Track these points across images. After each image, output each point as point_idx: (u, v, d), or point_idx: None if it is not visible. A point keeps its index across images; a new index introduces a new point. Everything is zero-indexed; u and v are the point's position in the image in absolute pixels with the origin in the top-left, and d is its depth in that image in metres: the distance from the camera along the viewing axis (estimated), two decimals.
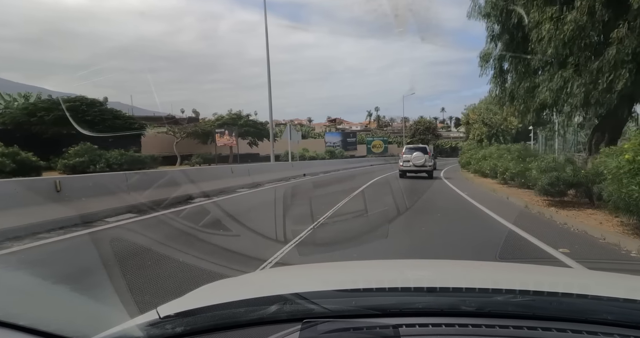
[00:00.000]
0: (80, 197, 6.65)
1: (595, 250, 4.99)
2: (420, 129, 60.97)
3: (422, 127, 60.88)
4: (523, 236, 5.54)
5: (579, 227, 6.09)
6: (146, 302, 2.70)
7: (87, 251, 4.93)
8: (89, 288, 3.20)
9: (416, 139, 60.35)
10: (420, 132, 60.79)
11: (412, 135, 61.51)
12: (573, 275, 1.81)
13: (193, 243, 5.15)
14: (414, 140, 60.42)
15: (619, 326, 0.89)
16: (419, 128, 61.00)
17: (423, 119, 62.58)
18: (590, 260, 4.43)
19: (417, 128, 61.22)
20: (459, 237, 5.67)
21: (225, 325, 0.95)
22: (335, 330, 0.85)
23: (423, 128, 60.81)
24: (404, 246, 5.05)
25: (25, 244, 4.95)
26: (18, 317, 0.99)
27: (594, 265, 4.26)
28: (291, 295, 1.02)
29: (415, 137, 61.16)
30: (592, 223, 6.18)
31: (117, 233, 5.74)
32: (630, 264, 4.41)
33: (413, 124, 62.46)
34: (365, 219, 7.11)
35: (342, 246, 4.97)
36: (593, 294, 1.04)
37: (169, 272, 3.82)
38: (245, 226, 6.03)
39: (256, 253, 4.42)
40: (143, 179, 8.53)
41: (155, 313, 1.00)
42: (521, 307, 0.96)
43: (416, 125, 61.54)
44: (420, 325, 0.90)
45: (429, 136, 60.41)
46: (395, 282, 1.29)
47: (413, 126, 61.86)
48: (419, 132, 60.88)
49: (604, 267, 4.43)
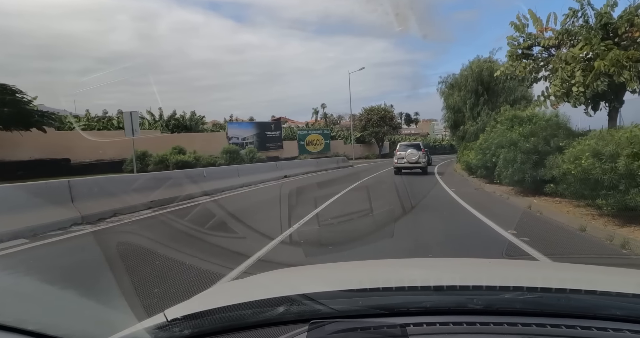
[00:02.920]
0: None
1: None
2: (373, 119, 47.55)
3: (375, 116, 47.62)
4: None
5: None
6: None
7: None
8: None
9: (368, 133, 46.74)
10: (373, 123, 47.29)
11: (363, 128, 47.78)
12: (581, 271, 1.64)
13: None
14: (365, 135, 46.83)
15: (628, 322, 0.89)
16: (372, 118, 47.66)
17: (377, 107, 49.50)
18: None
19: (368, 118, 47.87)
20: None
21: (233, 327, 0.96)
22: (343, 330, 0.85)
23: (377, 118, 47.52)
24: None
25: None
26: (27, 322, 1.00)
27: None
28: (298, 296, 1.02)
29: (368, 130, 47.42)
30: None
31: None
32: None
33: (363, 112, 49.21)
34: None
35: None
36: (602, 290, 1.04)
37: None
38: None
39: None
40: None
41: (163, 317, 1.00)
42: (529, 304, 0.96)
43: (367, 114, 48.34)
44: (428, 324, 0.91)
45: (384, 128, 47.04)
46: (401, 281, 1.27)
47: (364, 116, 48.61)
48: (372, 123, 47.30)
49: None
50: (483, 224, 6.28)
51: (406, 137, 69.07)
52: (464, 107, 23.65)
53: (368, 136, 48.87)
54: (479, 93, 22.05)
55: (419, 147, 17.61)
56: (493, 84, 21.70)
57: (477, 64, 22.35)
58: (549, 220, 6.62)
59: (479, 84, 21.97)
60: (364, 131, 48.61)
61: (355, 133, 50.68)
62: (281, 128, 36.14)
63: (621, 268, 1.67)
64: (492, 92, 22.00)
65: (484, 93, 21.87)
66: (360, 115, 49.72)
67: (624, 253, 4.53)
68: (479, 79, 21.70)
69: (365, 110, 49.60)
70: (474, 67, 22.32)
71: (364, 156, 47.04)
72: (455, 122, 25.36)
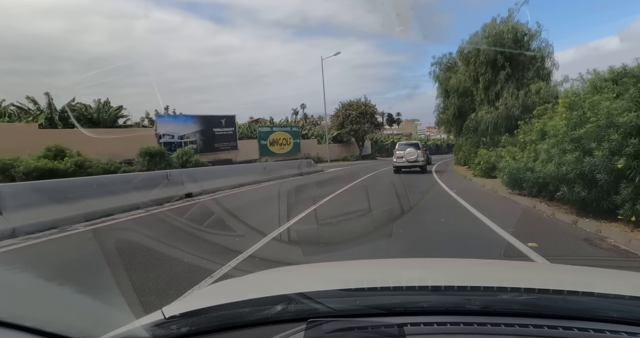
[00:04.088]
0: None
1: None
2: (351, 115, 40.81)
3: (354, 112, 40.93)
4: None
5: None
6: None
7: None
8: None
9: (346, 131, 39.94)
10: (352, 119, 40.57)
11: (340, 125, 40.99)
12: (579, 273, 1.61)
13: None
14: (343, 133, 40.09)
15: (625, 324, 0.88)
16: (350, 114, 40.94)
17: (356, 101, 42.64)
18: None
19: (346, 114, 41.15)
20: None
21: (231, 325, 0.95)
22: (340, 329, 0.85)
23: (356, 114, 40.82)
24: None
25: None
26: (24, 317, 0.99)
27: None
28: (295, 295, 1.02)
29: (346, 127, 40.56)
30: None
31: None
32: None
33: (340, 108, 42.39)
34: None
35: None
36: (599, 292, 1.03)
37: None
38: None
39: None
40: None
41: (161, 314, 0.99)
42: (527, 305, 0.96)
43: (345, 109, 41.61)
44: (425, 324, 0.90)
45: (365, 126, 40.35)
46: (399, 281, 1.27)
47: (341, 112, 41.86)
48: (351, 120, 40.58)
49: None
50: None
51: (389, 136, 62.66)
52: (473, 87, 16.97)
53: (346, 135, 41.95)
54: (498, 65, 15.41)
55: (417, 146, 17.17)
56: (518, 53, 15.09)
57: (494, 28, 15.64)
58: None
59: (497, 53, 15.33)
60: (342, 129, 41.63)
61: (331, 131, 43.61)
62: (235, 124, 27.21)
63: (619, 270, 1.49)
64: (517, 64, 15.40)
65: (506, 65, 15.24)
66: (337, 111, 42.74)
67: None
68: (500, 43, 15.01)
69: (342, 105, 42.58)
70: (489, 32, 15.60)
71: (342, 157, 40.11)
72: (459, 111, 18.70)
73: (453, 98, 18.53)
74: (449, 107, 19.68)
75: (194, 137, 24.27)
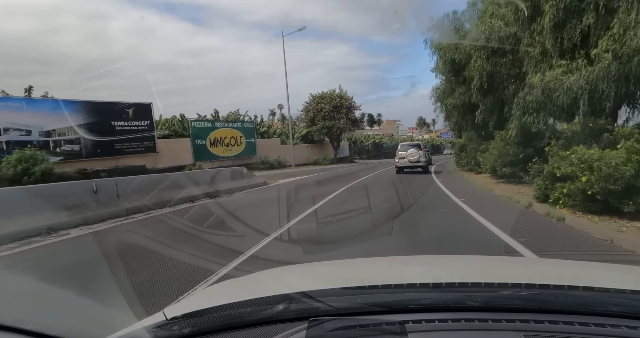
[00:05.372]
0: None
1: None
2: (324, 109, 32.98)
3: (327, 105, 33.13)
4: None
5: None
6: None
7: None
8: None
9: (318, 129, 32.13)
10: (324, 114, 32.75)
11: (311, 121, 33.09)
12: (579, 268, 1.61)
13: None
14: (313, 131, 32.32)
15: (626, 318, 0.88)
16: (322, 108, 33.12)
17: (330, 93, 34.70)
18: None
19: (318, 108, 33.33)
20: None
21: (232, 325, 0.95)
22: (342, 327, 0.85)
23: (329, 107, 32.99)
24: None
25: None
26: (25, 321, 0.97)
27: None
28: (297, 294, 1.01)
29: (317, 124, 32.71)
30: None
31: None
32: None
33: (311, 101, 34.43)
34: None
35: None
36: (599, 286, 1.03)
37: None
38: None
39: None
40: None
41: (162, 315, 0.99)
42: (527, 300, 0.95)
43: (316, 102, 33.77)
44: (427, 321, 0.90)
45: (340, 122, 32.60)
46: (400, 278, 1.26)
47: (311, 105, 34.03)
48: (323, 115, 32.76)
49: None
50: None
51: (370, 137, 55.39)
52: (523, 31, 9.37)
53: (317, 133, 34.00)
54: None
55: (419, 146, 17.39)
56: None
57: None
58: None
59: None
60: (312, 126, 33.68)
61: (300, 129, 35.53)
62: (151, 116, 18.73)
63: (619, 264, 1.55)
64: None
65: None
66: (307, 104, 34.74)
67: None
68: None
69: (313, 97, 34.56)
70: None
71: (312, 161, 32.15)
72: (491, 80, 11.03)
73: (479, 60, 10.87)
74: (468, 78, 12.06)
75: (72, 134, 15.76)
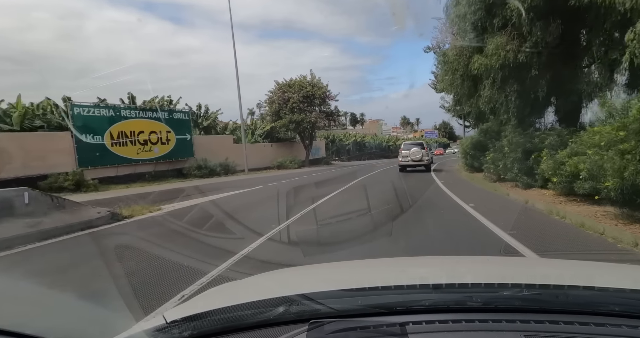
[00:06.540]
0: None
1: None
2: (292, 98, 26.95)
3: (295, 95, 27.14)
4: None
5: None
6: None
7: None
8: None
9: (284, 123, 25.91)
10: (292, 106, 26.68)
11: (276, 114, 26.92)
12: (579, 268, 1.61)
13: None
14: (278, 127, 26.19)
15: (626, 317, 0.89)
16: (290, 97, 27.11)
17: (299, 80, 28.73)
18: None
19: (284, 98, 27.28)
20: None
21: (233, 328, 0.95)
22: (342, 329, 0.85)
23: (298, 97, 27.00)
24: None
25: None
26: (24, 325, 0.97)
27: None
28: (297, 296, 1.01)
29: (285, 117, 26.53)
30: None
31: None
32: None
33: (276, 89, 28.35)
34: None
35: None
36: (599, 286, 1.03)
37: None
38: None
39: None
40: None
41: (162, 319, 0.99)
42: (528, 301, 0.96)
43: (282, 91, 27.81)
44: (427, 322, 0.90)
45: (312, 115, 26.74)
46: (400, 279, 1.27)
47: (276, 95, 28.05)
48: (291, 107, 26.69)
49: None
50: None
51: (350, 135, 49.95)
52: None
53: (284, 129, 28.07)
54: None
55: (422, 145, 17.96)
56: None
57: None
58: None
59: None
60: (277, 121, 27.73)
61: (265, 123, 29.46)
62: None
63: (619, 264, 1.57)
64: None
65: None
66: (272, 94, 28.73)
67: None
68: None
69: (279, 85, 28.54)
70: None
71: (276, 164, 26.22)
72: None
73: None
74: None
75: None
